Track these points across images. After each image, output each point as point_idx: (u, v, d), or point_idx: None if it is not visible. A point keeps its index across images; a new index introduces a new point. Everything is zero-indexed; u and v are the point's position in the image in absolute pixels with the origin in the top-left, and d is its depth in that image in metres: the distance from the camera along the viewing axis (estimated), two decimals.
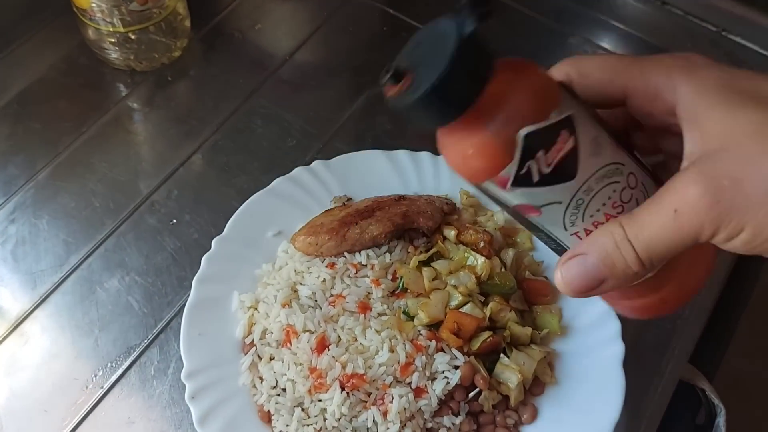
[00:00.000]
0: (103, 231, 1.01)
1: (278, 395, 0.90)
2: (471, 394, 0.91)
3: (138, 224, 1.02)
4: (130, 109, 1.14)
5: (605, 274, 0.49)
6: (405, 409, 0.87)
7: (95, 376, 0.92)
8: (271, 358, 0.93)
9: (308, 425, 0.88)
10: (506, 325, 0.95)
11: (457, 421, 0.89)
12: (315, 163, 1.09)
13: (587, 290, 0.52)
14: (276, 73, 1.20)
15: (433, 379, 0.90)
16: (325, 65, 1.24)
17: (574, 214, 0.50)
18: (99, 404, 0.90)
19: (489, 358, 0.93)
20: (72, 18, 1.12)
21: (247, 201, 1.04)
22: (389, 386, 0.88)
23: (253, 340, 0.94)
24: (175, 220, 1.04)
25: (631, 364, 0.93)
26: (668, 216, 0.45)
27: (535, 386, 0.94)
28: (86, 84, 1.15)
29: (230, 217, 1.02)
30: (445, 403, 0.90)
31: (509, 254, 1.00)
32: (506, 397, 0.92)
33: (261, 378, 0.92)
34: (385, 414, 0.87)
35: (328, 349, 0.90)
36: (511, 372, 0.91)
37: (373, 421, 0.87)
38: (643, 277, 0.51)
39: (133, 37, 1.08)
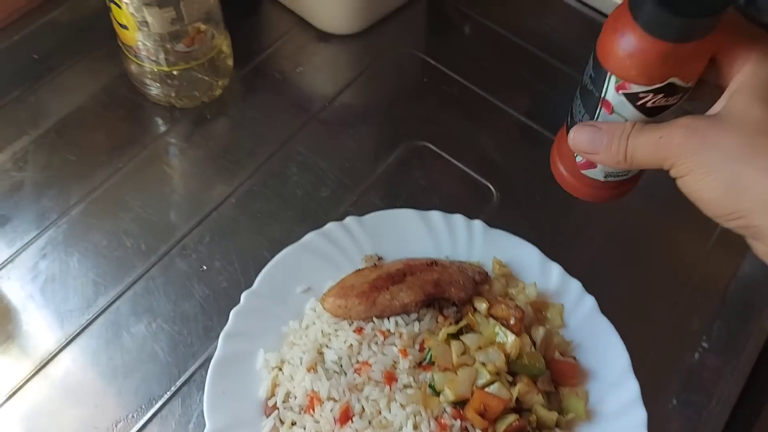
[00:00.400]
0: (133, 273, 1.00)
1: None
2: None
3: (168, 268, 1.01)
4: (167, 145, 1.13)
5: (601, 148, 0.68)
6: None
7: (116, 425, 0.91)
8: (293, 424, 0.92)
9: None
10: (532, 408, 0.93)
11: None
12: (348, 219, 1.08)
13: (583, 150, 0.72)
14: (315, 118, 1.19)
15: None
16: (364, 113, 1.23)
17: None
18: None
19: None
20: (115, 47, 1.11)
21: (278, 254, 1.03)
22: None
23: (275, 403, 0.93)
24: (205, 267, 1.02)
25: None
26: (655, 138, 0.62)
27: None
28: (125, 117, 1.14)
29: (260, 268, 1.01)
30: None
31: (540, 332, 0.99)
32: None
33: None
34: None
35: (352, 422, 0.89)
36: None
37: None
38: (621, 170, 0.75)
39: (175, 73, 1.07)
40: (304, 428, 0.90)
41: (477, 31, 1.27)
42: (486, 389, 0.92)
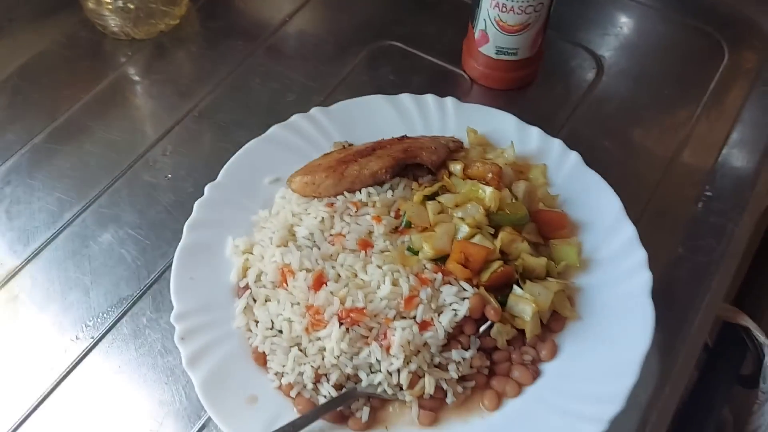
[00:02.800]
0: (97, 188, 0.98)
1: (274, 336, 0.84)
2: (482, 328, 0.83)
3: (132, 181, 0.99)
4: (128, 75, 1.11)
5: None
6: (409, 342, 0.80)
7: (85, 326, 0.87)
8: (267, 300, 0.87)
9: (305, 364, 0.81)
10: (519, 256, 0.87)
11: (467, 355, 0.81)
12: (313, 110, 1.04)
13: None
14: (276, 33, 1.16)
15: (439, 312, 0.83)
16: (327, 25, 1.20)
17: None
18: (89, 354, 0.85)
19: (501, 291, 0.85)
20: None
21: (242, 148, 0.99)
22: (392, 320, 0.81)
23: (247, 284, 0.88)
24: (170, 176, 1.00)
25: (662, 301, 0.85)
26: None
27: (554, 322, 0.85)
28: (86, 55, 1.13)
29: None
30: (453, 338, 0.82)
31: (521, 186, 0.93)
32: (522, 333, 0.84)
33: (256, 321, 0.86)
34: (387, 349, 0.80)
35: (326, 285, 0.84)
36: (525, 303, 0.83)
37: (376, 358, 0.80)
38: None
39: (132, 6, 1.06)
40: (279, 301, 0.85)
41: None
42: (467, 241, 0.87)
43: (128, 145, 1.02)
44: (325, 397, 0.80)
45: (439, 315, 0.82)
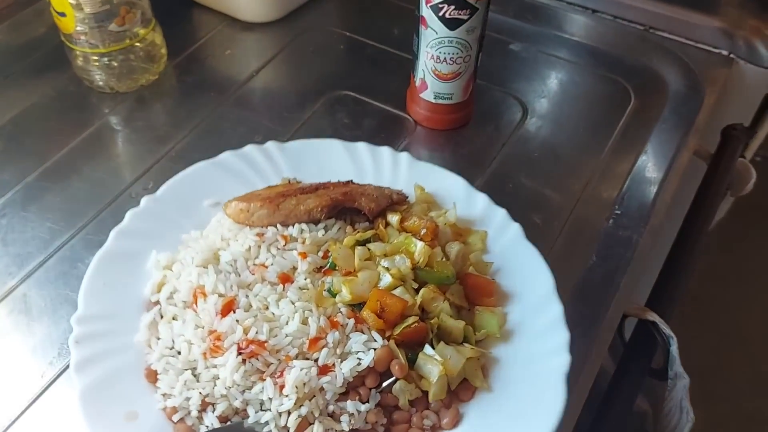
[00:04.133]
0: (85, 219, 1.02)
1: (171, 356, 0.81)
2: (385, 383, 0.80)
3: (117, 212, 1.02)
4: (111, 124, 1.18)
5: None
6: (304, 384, 0.76)
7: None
8: (174, 319, 0.84)
9: (194, 389, 0.77)
10: (438, 316, 0.85)
11: (363, 408, 0.78)
12: (269, 143, 1.04)
13: None
14: (244, 86, 1.25)
15: (344, 359, 0.80)
16: (289, 79, 1.29)
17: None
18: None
19: (413, 349, 0.82)
20: (62, 55, 1.19)
21: (189, 168, 0.99)
22: (292, 359, 0.79)
23: (158, 299, 0.86)
24: None
25: (578, 301, 0.94)
26: None
27: (463, 390, 0.82)
28: (74, 107, 1.20)
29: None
30: (353, 388, 0.79)
31: (454, 247, 0.91)
32: (427, 395, 0.81)
33: (158, 338, 0.83)
34: (281, 388, 0.77)
35: (234, 313, 0.82)
36: (433, 364, 0.80)
37: (268, 395, 0.77)
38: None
39: (116, 64, 1.15)
40: (184, 321, 0.83)
41: (383, 6, 1.42)
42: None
43: (113, 182, 1.07)
44: (207, 427, 0.77)
45: (342, 361, 0.79)
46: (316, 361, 0.79)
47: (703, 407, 1.20)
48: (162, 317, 0.85)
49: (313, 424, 0.76)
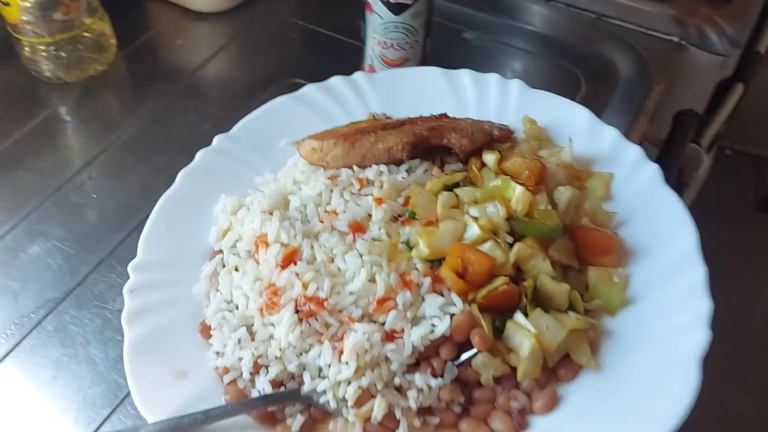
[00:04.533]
0: (28, 208, 0.98)
1: (228, 311, 0.73)
2: (464, 356, 0.66)
3: (61, 201, 0.98)
4: (59, 114, 1.13)
5: None
6: (366, 351, 0.65)
7: (14, 325, 0.84)
8: (235, 270, 0.76)
9: (246, 348, 0.69)
10: (536, 277, 0.69)
11: (434, 383, 0.65)
12: (357, 74, 0.91)
13: None
14: (194, 76, 1.18)
15: (415, 324, 0.67)
16: (239, 68, 1.24)
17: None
18: (16, 348, 0.82)
19: (502, 316, 0.68)
20: (9, 46, 1.14)
21: (267, 103, 0.89)
22: (355, 321, 0.67)
23: (221, 248, 0.78)
24: (95, 195, 0.99)
25: None
26: None
27: (564, 368, 0.66)
28: (21, 98, 1.16)
29: (147, 189, 0.91)
30: (425, 359, 0.66)
31: (564, 193, 0.74)
32: (515, 372, 0.66)
33: (218, 290, 0.75)
34: (340, 353, 0.66)
35: (294, 264, 0.71)
36: (524, 336, 0.65)
37: (326, 361, 0.66)
38: None
39: (63, 54, 1.10)
40: (244, 273, 0.74)
41: None
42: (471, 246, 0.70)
43: (57, 172, 1.03)
44: (259, 392, 0.68)
45: (412, 327, 0.67)
46: (382, 324, 0.67)
47: None
48: (224, 266, 0.77)
49: (375, 397, 0.65)
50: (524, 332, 0.65)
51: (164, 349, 0.71)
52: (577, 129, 0.83)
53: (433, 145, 0.79)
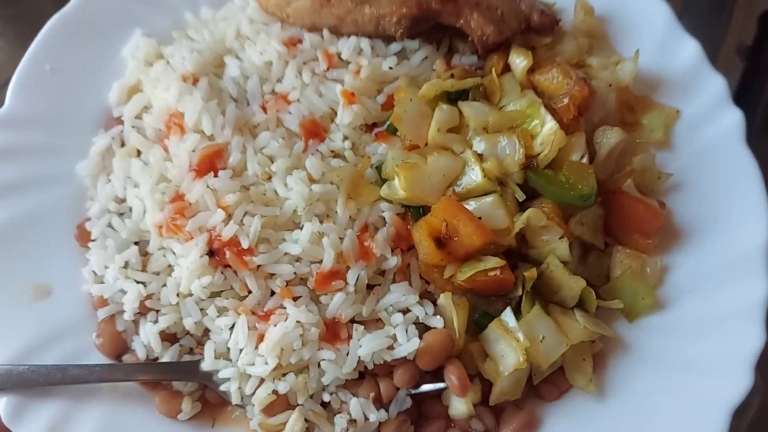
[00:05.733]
0: None
1: (117, 215, 0.53)
2: (425, 388, 0.51)
3: None
4: None
5: None
6: (294, 351, 0.47)
7: None
8: (138, 153, 0.55)
9: (133, 280, 0.50)
10: (544, 259, 0.50)
11: (374, 416, 0.49)
12: None
13: None
14: None
15: (370, 326, 0.49)
16: None
17: None
18: None
19: (486, 302, 0.50)
20: None
21: None
22: (293, 299, 0.49)
23: (122, 116, 0.56)
24: None
25: None
26: None
27: (549, 385, 0.51)
28: None
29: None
30: (372, 374, 0.50)
31: (611, 138, 0.53)
32: (487, 384, 0.50)
33: (108, 177, 0.55)
34: (259, 339, 0.48)
35: (215, 176, 0.51)
36: (509, 346, 0.48)
37: (238, 343, 0.49)
38: None
39: None
40: (147, 165, 0.53)
41: None
42: (468, 202, 0.50)
43: None
44: (143, 342, 0.50)
45: (364, 329, 0.49)
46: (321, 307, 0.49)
47: None
48: (122, 146, 0.55)
49: (293, 410, 0.49)
50: (511, 340, 0.47)
51: (25, 252, 0.52)
52: (647, 33, 0.58)
53: (442, 23, 0.54)
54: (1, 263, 0.53)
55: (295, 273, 0.50)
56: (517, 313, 0.53)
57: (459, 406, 0.52)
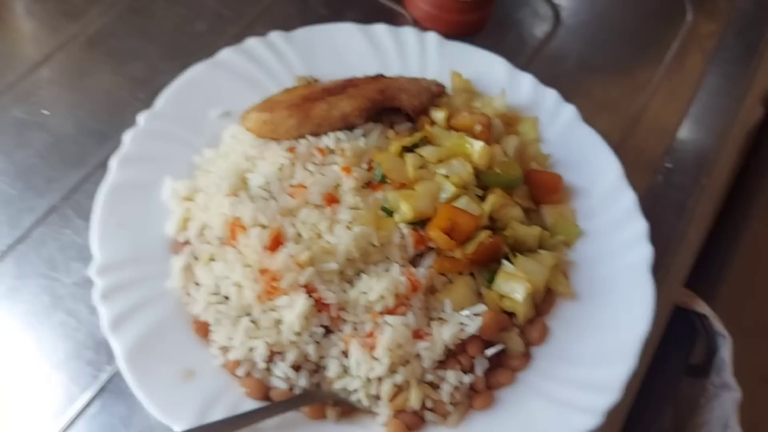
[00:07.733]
0: None
1: (219, 303, 0.70)
2: (490, 351, 0.71)
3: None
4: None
5: None
6: (400, 346, 0.67)
7: None
8: (211, 260, 0.73)
9: (257, 338, 0.68)
10: (508, 224, 0.76)
11: (467, 379, 0.69)
12: (272, 34, 0.87)
13: None
14: None
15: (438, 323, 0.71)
16: None
17: None
18: None
19: (487, 266, 0.74)
20: None
21: (184, 73, 0.83)
22: (384, 315, 0.69)
23: (187, 239, 0.74)
24: (46, 112, 0.80)
25: None
26: None
27: (543, 303, 0.75)
28: None
29: (120, 111, 0.81)
30: (452, 356, 0.70)
31: (512, 142, 0.81)
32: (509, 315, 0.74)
33: (197, 284, 0.72)
34: (370, 349, 0.68)
35: (284, 246, 0.70)
36: (517, 282, 0.72)
37: (356, 359, 0.67)
38: None
39: None
40: (226, 262, 0.71)
41: None
42: (453, 205, 0.75)
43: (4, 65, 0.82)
44: (280, 378, 0.68)
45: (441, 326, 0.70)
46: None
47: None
48: (196, 259, 0.73)
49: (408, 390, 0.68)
50: (517, 279, 0.72)
51: (162, 352, 0.67)
52: (496, 78, 0.89)
53: (384, 107, 0.80)
54: (149, 367, 0.65)
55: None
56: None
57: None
